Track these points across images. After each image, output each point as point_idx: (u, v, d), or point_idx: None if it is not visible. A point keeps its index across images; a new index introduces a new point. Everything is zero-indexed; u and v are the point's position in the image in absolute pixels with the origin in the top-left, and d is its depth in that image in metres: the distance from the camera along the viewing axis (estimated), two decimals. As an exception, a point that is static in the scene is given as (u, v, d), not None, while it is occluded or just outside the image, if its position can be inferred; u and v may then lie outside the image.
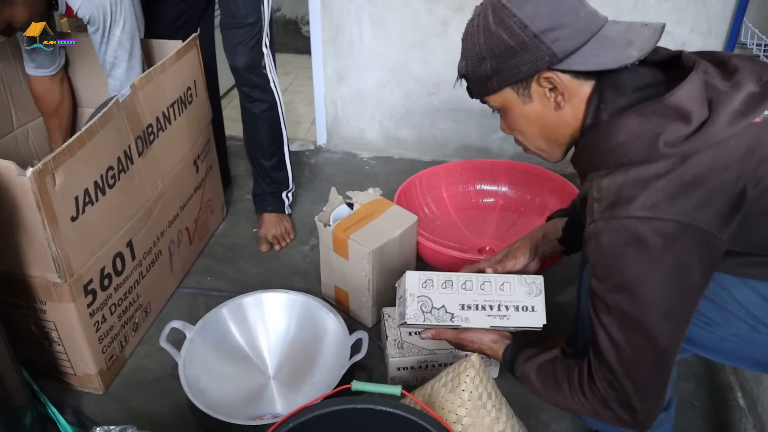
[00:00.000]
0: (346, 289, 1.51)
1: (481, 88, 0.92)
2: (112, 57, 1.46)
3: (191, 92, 1.61)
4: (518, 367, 1.03)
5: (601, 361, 0.87)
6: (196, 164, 1.67)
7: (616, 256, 0.80)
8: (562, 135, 0.90)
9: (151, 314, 1.54)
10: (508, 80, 0.88)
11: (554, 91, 0.87)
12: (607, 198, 0.81)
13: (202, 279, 1.71)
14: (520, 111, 0.91)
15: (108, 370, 1.37)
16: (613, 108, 0.84)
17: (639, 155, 0.79)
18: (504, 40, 0.85)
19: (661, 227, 0.77)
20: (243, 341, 1.43)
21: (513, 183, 1.89)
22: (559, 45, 0.83)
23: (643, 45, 0.82)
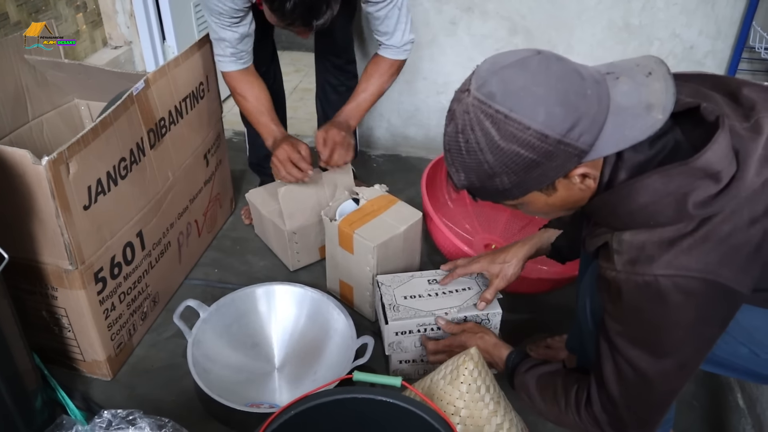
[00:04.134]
0: (351, 283, 1.54)
1: (495, 198, 0.85)
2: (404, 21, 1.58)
3: (203, 87, 1.64)
4: (519, 375, 1.05)
5: (603, 388, 0.89)
6: (207, 158, 1.70)
7: (635, 309, 0.81)
8: (584, 202, 0.86)
9: (159, 304, 1.57)
10: (532, 188, 0.81)
11: (584, 177, 0.80)
12: (629, 252, 0.79)
13: (210, 271, 1.74)
14: (543, 202, 0.85)
15: (116, 357, 1.40)
16: (631, 165, 0.79)
17: (666, 217, 0.76)
18: (522, 156, 0.75)
19: (684, 284, 0.76)
20: (252, 330, 1.45)
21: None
22: (585, 140, 0.74)
23: (664, 104, 0.75)
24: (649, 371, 0.83)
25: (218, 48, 1.55)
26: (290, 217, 1.62)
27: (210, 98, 1.69)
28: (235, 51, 1.54)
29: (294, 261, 1.70)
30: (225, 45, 1.52)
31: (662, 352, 0.82)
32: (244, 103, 1.61)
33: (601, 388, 0.89)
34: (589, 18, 1.96)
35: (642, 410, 0.87)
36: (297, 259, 1.71)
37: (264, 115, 1.60)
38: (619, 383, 0.86)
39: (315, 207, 1.62)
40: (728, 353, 0.92)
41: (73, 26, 2.17)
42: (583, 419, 0.92)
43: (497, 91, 0.75)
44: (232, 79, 1.59)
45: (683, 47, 1.94)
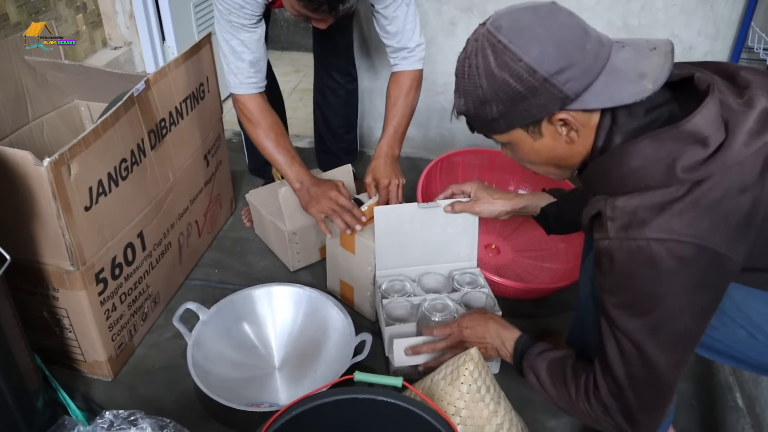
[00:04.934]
0: (351, 283, 1.54)
1: (485, 128, 0.90)
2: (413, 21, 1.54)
3: (204, 88, 1.64)
4: (529, 358, 1.04)
5: (607, 371, 0.89)
6: (207, 159, 1.71)
7: (628, 276, 0.81)
8: (573, 161, 0.89)
9: (159, 304, 1.57)
10: (517, 123, 0.85)
11: (566, 127, 0.84)
12: (622, 218, 0.81)
13: (210, 271, 1.74)
14: (529, 146, 0.88)
15: (117, 357, 1.40)
16: (625, 131, 0.82)
17: (656, 180, 0.79)
18: (511, 86, 0.81)
19: (676, 249, 0.77)
20: (252, 331, 1.46)
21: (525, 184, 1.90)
22: (571, 86, 0.79)
23: (657, 76, 0.79)
24: (646, 344, 0.83)
25: (234, 67, 1.46)
26: (290, 218, 1.62)
27: (210, 99, 1.69)
28: (251, 71, 1.47)
29: (294, 261, 1.71)
30: (241, 64, 1.46)
31: (657, 321, 0.82)
32: (257, 132, 1.51)
33: (605, 370, 0.89)
34: (587, 19, 1.91)
35: (647, 391, 0.87)
36: (297, 260, 1.71)
37: (283, 152, 1.50)
38: (622, 361, 0.86)
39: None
40: (726, 336, 0.92)
41: (72, 27, 2.17)
42: (593, 407, 0.92)
43: (504, 25, 0.81)
44: (247, 104, 1.50)
45: (682, 48, 1.95)
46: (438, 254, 1.44)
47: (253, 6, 1.40)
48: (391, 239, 1.40)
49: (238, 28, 1.43)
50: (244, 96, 1.50)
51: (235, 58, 1.46)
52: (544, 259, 1.76)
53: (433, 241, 1.42)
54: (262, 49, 1.50)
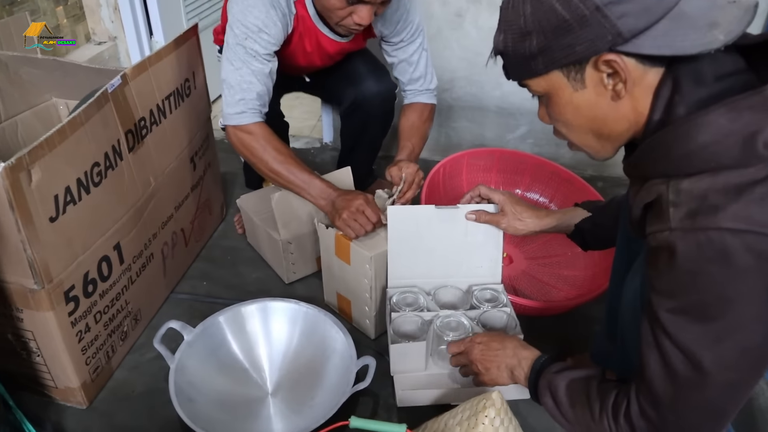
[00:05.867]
0: (348, 296, 1.40)
1: (522, 69, 0.77)
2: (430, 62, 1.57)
3: (189, 84, 1.50)
4: (547, 376, 0.91)
5: (645, 386, 0.75)
6: (194, 161, 1.57)
7: (693, 273, 0.67)
8: (617, 130, 0.76)
9: (141, 322, 1.43)
10: (558, 61, 0.73)
11: (614, 77, 0.71)
12: (689, 203, 0.67)
13: (198, 284, 1.60)
14: (568, 99, 0.76)
15: (92, 382, 1.27)
16: (691, 101, 0.69)
17: (731, 158, 0.66)
18: (557, 12, 0.69)
19: (755, 243, 0.64)
20: (242, 352, 1.32)
21: (535, 185, 1.76)
22: (626, 22, 0.67)
23: (731, 27, 0.67)
24: (704, 359, 0.69)
25: (238, 98, 1.36)
26: (285, 226, 1.48)
27: (197, 96, 1.55)
28: (257, 103, 1.36)
29: (289, 273, 1.57)
30: (247, 96, 1.35)
31: (722, 331, 0.68)
32: (265, 159, 1.37)
33: (642, 387, 0.75)
34: None
35: (693, 417, 0.73)
36: (292, 271, 1.57)
37: (298, 172, 1.37)
38: (666, 377, 0.72)
39: (311, 214, 1.49)
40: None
41: (52, 20, 2.03)
42: (620, 426, 0.78)
43: None
44: (252, 131, 1.37)
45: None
46: (457, 266, 1.30)
47: (272, 32, 1.34)
48: (404, 245, 1.27)
49: (251, 57, 1.34)
50: (248, 126, 1.37)
51: (242, 89, 1.35)
52: (560, 267, 1.62)
53: (452, 250, 1.29)
54: (270, 83, 1.40)
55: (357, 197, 1.32)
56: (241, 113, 1.37)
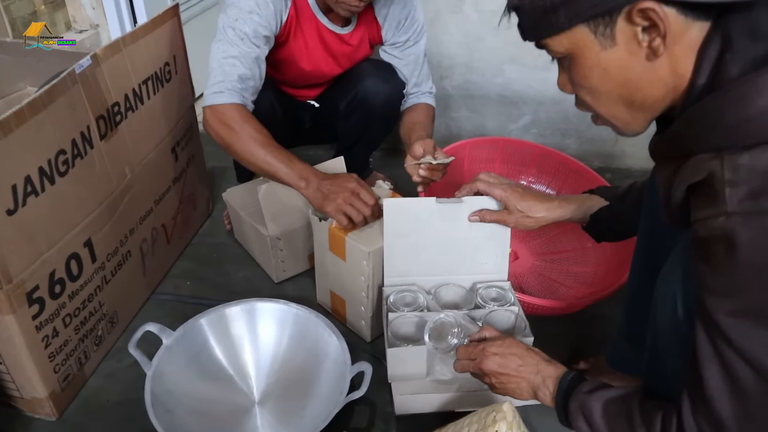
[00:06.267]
0: (343, 296, 1.30)
1: (540, 25, 0.66)
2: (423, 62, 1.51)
3: (169, 68, 1.39)
4: (578, 398, 0.80)
5: (704, 405, 0.63)
6: (175, 152, 1.46)
7: (758, 266, 0.56)
8: (652, 97, 0.65)
9: (118, 325, 1.32)
10: (583, 13, 0.62)
11: (651, 32, 0.60)
12: (750, 181, 0.56)
13: (182, 284, 1.49)
14: (594, 59, 0.65)
15: (62, 392, 1.16)
16: (746, 59, 0.58)
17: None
18: None
19: None
20: (226, 358, 1.21)
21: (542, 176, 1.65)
22: None
23: None
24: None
25: (219, 79, 1.26)
26: (273, 220, 1.37)
27: (179, 82, 1.44)
28: (238, 85, 1.26)
29: (279, 271, 1.46)
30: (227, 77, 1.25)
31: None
32: (239, 139, 1.24)
33: (700, 406, 0.64)
34: None
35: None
36: (282, 269, 1.46)
37: (276, 152, 1.24)
38: (730, 393, 0.61)
39: (302, 207, 1.38)
40: None
41: (29, 6, 1.92)
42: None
43: None
44: (226, 111, 1.25)
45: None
46: (460, 262, 1.19)
47: (264, 14, 1.27)
48: (402, 240, 1.15)
49: (239, 39, 1.26)
50: (225, 105, 1.25)
51: (223, 71, 1.26)
52: (569, 263, 1.52)
53: (454, 245, 1.17)
54: (256, 70, 1.30)
55: (349, 179, 1.21)
56: (218, 93, 1.26)
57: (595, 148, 1.98)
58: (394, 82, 1.47)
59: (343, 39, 1.44)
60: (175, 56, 1.42)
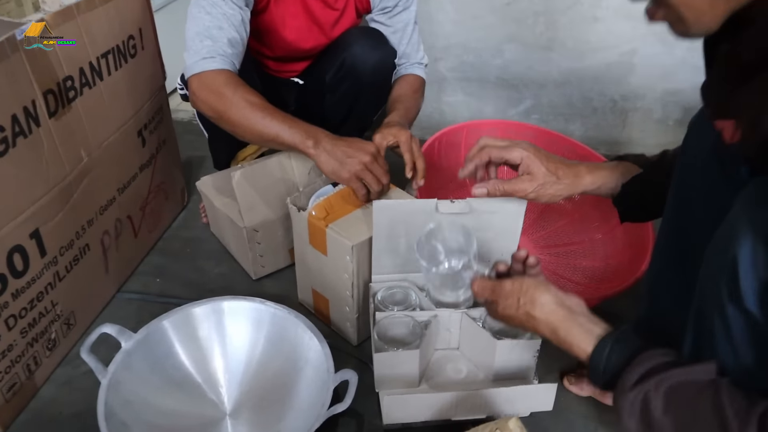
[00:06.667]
0: (326, 294, 1.16)
1: None
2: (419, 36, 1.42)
3: (134, 43, 1.26)
4: (625, 386, 0.62)
5: None
6: (142, 136, 1.32)
7: None
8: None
9: (76, 327, 1.19)
10: None
11: None
12: None
13: (151, 281, 1.36)
14: None
15: (8, 403, 1.02)
16: None
17: None
18: None
19: None
20: (193, 364, 1.08)
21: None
22: None
23: None
24: None
25: (207, 44, 1.11)
26: (249, 210, 1.24)
27: (145, 59, 1.30)
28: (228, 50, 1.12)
29: (257, 267, 1.33)
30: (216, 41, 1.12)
31: None
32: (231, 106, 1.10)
33: None
34: None
35: None
36: (261, 265, 1.33)
37: (274, 114, 1.10)
38: None
39: (282, 196, 1.25)
40: None
41: (-9, -17, 1.78)
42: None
43: None
44: (216, 78, 1.10)
45: None
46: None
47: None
48: (393, 242, 1.02)
49: (220, 0, 1.12)
50: (214, 72, 1.10)
51: (210, 35, 1.11)
52: (576, 257, 1.39)
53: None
54: (243, 34, 1.16)
55: (367, 144, 1.09)
56: (209, 58, 1.11)
57: (601, 134, 1.85)
58: (384, 49, 1.34)
59: (327, 3, 1.31)
60: (141, 30, 1.28)
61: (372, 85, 1.34)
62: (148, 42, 1.31)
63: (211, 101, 1.11)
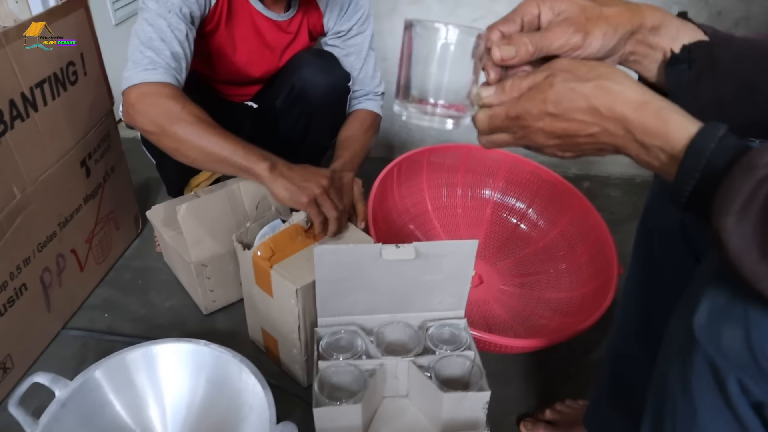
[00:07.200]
0: (275, 335, 1.11)
1: None
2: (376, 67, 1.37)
3: (75, 69, 1.20)
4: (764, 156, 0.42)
5: None
6: (86, 165, 1.26)
7: None
8: None
9: (13, 371, 1.13)
10: None
11: None
12: None
13: (98, 316, 1.30)
14: None
15: (-68, 458, 0.97)
16: None
17: None
18: None
19: None
20: (129, 415, 1.02)
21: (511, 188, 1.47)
22: None
23: None
24: None
25: (149, 54, 1.05)
26: (196, 245, 1.18)
27: (88, 85, 1.25)
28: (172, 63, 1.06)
29: (207, 302, 1.27)
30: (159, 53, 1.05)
31: None
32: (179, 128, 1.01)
33: None
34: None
35: None
36: (212, 299, 1.28)
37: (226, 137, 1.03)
38: None
39: (231, 228, 1.19)
40: None
41: (-60, 0, 1.71)
42: None
43: None
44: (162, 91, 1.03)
45: (709, 13, 1.54)
46: (409, 303, 1.01)
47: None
48: (337, 286, 0.96)
49: (165, 12, 1.07)
50: (157, 84, 1.03)
51: (152, 46, 1.05)
52: (540, 287, 1.34)
53: (403, 289, 0.98)
54: (188, 50, 1.09)
55: (322, 172, 1.05)
56: (150, 70, 1.04)
57: (572, 153, 1.80)
58: (336, 72, 1.29)
59: (280, 26, 1.26)
60: (82, 54, 1.22)
61: (324, 108, 1.29)
62: (91, 67, 1.26)
63: (153, 114, 1.02)
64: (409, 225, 1.41)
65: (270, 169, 1.01)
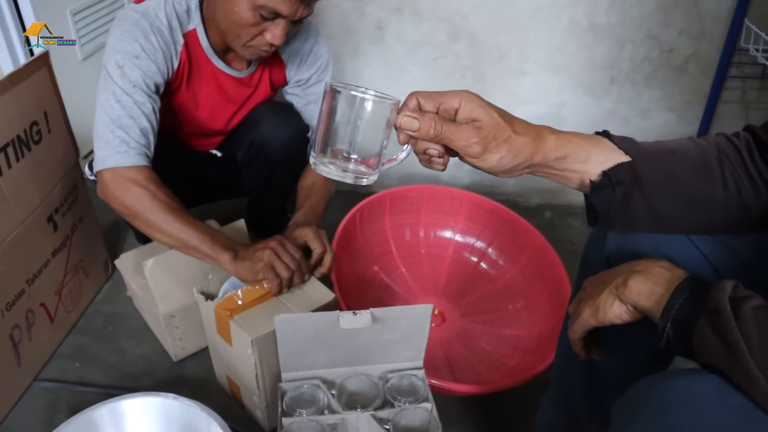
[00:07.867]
0: (237, 382, 1.16)
1: None
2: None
3: (39, 128, 1.22)
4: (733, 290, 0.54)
5: None
6: (53, 221, 1.29)
7: None
8: None
9: (-16, 428, 1.16)
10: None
11: None
12: None
13: (69, 366, 1.32)
14: None
15: None
16: None
17: None
18: None
19: None
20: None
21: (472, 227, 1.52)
22: None
23: None
24: None
25: (119, 134, 1.09)
26: (164, 298, 1.22)
27: (54, 141, 1.27)
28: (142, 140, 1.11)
29: (177, 349, 1.30)
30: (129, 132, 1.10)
31: None
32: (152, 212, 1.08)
33: None
34: (545, 18, 1.60)
35: None
36: (181, 347, 1.31)
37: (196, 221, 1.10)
38: None
39: (198, 279, 1.23)
40: None
41: None
42: None
43: None
44: (137, 176, 1.09)
45: (660, 50, 1.59)
46: (369, 357, 1.05)
47: (154, 59, 1.13)
48: (299, 346, 1.00)
49: (130, 87, 1.11)
50: (130, 169, 1.09)
51: (121, 124, 1.10)
52: (501, 325, 1.39)
53: (363, 347, 1.02)
54: (154, 123, 1.15)
55: (268, 241, 1.10)
56: (122, 153, 1.09)
57: (535, 183, 1.86)
58: (295, 124, 1.33)
59: (242, 81, 1.30)
60: (46, 113, 1.24)
61: (284, 159, 1.33)
62: (55, 124, 1.28)
63: (127, 200, 1.10)
64: (373, 266, 1.45)
65: (232, 260, 1.09)
